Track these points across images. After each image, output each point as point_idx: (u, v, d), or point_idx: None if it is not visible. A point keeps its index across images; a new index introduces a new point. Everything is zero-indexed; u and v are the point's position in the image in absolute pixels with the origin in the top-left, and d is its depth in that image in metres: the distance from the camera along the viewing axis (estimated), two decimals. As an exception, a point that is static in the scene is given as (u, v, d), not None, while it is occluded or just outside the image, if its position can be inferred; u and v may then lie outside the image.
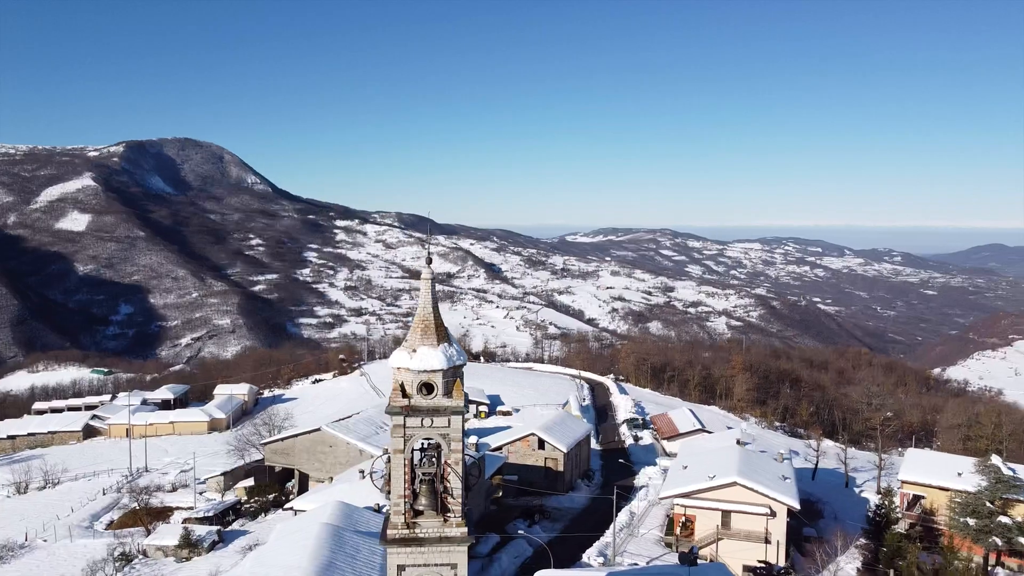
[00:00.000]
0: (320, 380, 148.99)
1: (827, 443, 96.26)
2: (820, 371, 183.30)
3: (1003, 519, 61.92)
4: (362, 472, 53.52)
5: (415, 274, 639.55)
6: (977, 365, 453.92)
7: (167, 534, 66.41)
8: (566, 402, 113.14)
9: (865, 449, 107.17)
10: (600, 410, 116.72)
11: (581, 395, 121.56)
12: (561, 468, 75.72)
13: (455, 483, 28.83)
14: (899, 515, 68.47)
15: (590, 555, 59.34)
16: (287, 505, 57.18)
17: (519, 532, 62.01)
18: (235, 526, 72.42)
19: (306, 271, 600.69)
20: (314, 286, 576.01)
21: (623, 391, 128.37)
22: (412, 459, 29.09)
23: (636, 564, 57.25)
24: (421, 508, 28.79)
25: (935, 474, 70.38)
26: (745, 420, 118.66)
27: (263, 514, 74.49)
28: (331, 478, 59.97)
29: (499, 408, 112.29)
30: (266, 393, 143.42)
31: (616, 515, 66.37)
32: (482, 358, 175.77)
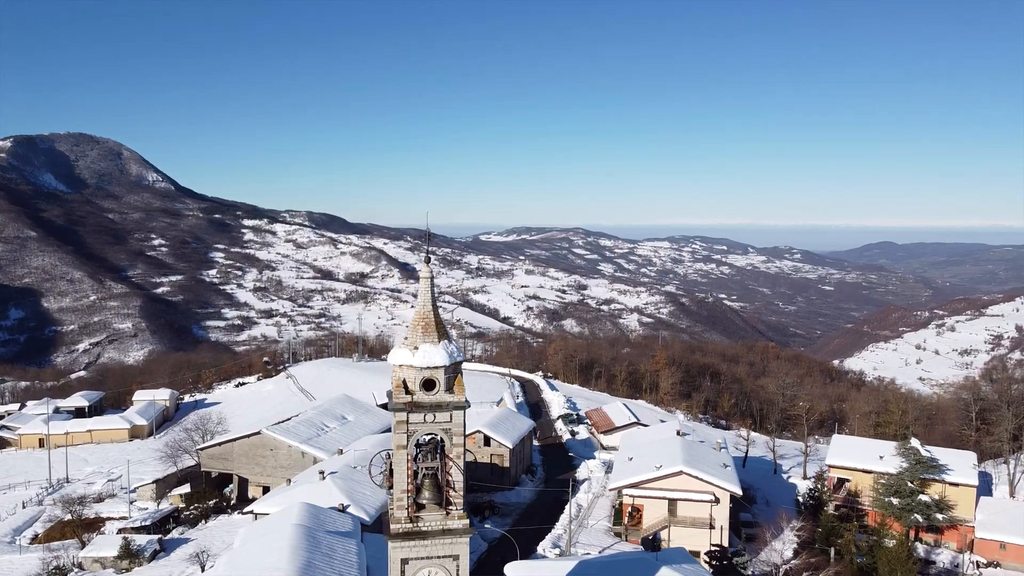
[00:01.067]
0: (244, 383, 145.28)
1: (753, 434, 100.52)
2: (733, 364, 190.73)
3: (923, 497, 66.81)
4: (322, 473, 53.14)
5: (327, 274, 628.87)
6: (871, 356, 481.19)
7: (104, 545, 64.10)
8: (500, 399, 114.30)
9: (782, 437, 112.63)
10: (533, 407, 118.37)
11: (514, 392, 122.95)
12: (507, 464, 76.86)
13: (457, 476, 29.54)
14: (828, 498, 72.63)
15: (544, 547, 60.68)
16: (247, 509, 56.11)
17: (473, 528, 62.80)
18: (174, 534, 70.45)
19: (213, 272, 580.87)
20: (221, 287, 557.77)
21: (553, 388, 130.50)
22: (415, 455, 29.67)
23: (589, 554, 58.84)
24: (424, 502, 29.38)
25: (859, 458, 75.08)
26: (671, 413, 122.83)
27: (204, 521, 72.72)
28: (288, 480, 59.12)
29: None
30: (187, 398, 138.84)
31: (565, 508, 68.23)
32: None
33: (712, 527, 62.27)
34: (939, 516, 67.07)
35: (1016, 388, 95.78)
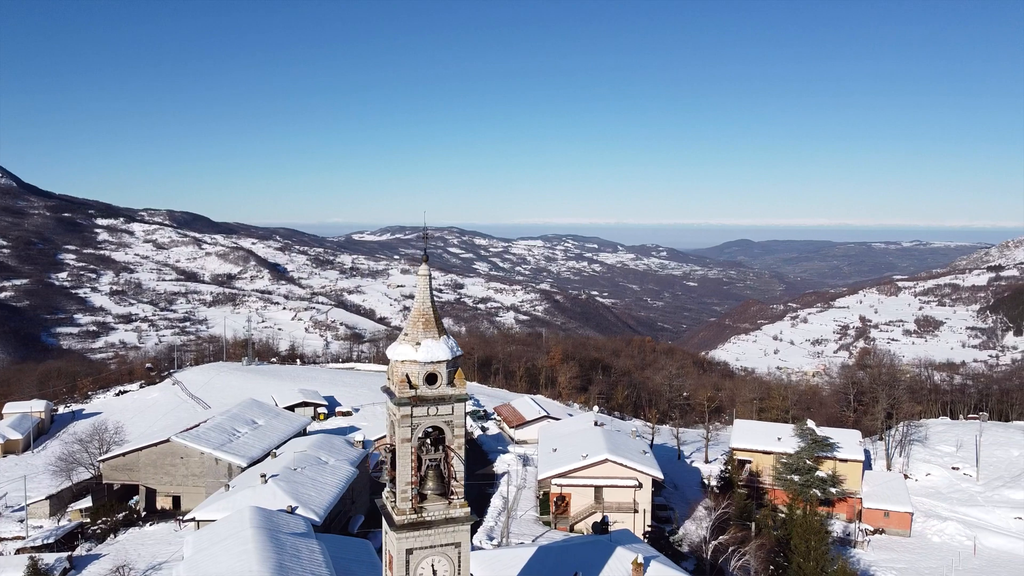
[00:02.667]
0: (125, 392, 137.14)
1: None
2: (616, 358, 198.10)
3: (820, 473, 72.95)
4: (264, 476, 52.06)
5: (191, 276, 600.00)
6: (733, 347, 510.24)
7: (6, 567, 60.03)
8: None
9: (677, 425, 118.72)
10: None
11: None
12: (429, 461, 77.30)
13: (458, 466, 30.61)
14: (738, 478, 77.83)
15: (480, 539, 61.96)
16: (187, 517, 53.90)
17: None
18: (81, 551, 66.64)
19: (63, 275, 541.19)
20: (74, 291, 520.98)
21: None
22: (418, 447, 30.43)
23: (523, 543, 60.61)
24: (427, 493, 30.20)
25: (759, 440, 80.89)
26: (569, 406, 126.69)
27: (113, 535, 69.11)
28: (228, 485, 57.14)
29: (338, 409, 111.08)
30: (61, 409, 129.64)
31: (490, 501, 69.84)
32: (299, 360, 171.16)
33: (636, 511, 65.61)
34: (832, 490, 73.53)
35: (886, 373, 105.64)
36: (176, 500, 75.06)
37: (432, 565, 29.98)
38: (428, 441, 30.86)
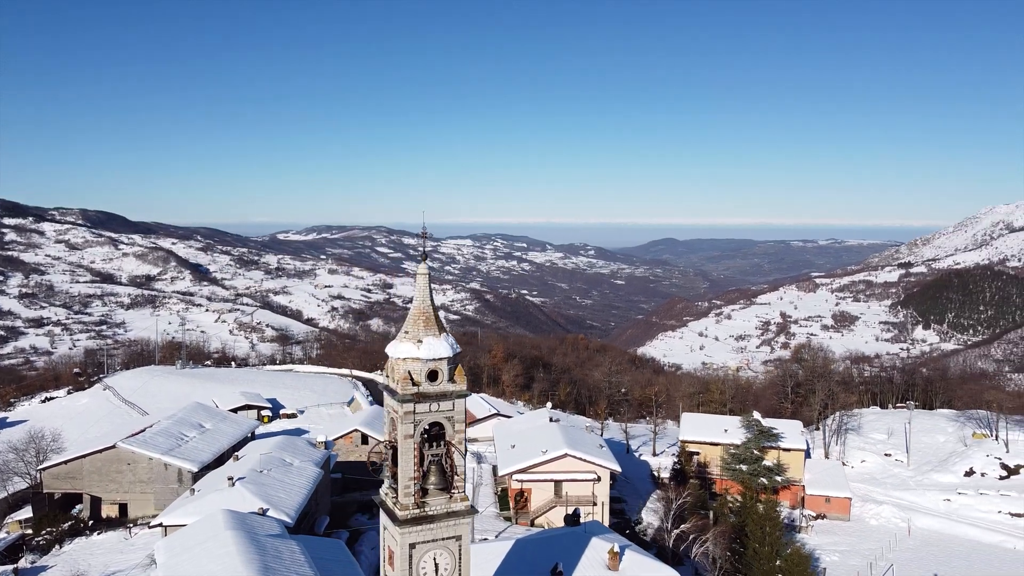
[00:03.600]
0: (52, 398, 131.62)
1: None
2: (553, 356, 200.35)
3: (766, 463, 75.98)
4: (231, 479, 51.23)
5: (108, 277, 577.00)
6: (661, 344, 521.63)
7: (-53, 583, 57.40)
8: (351, 399, 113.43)
9: (618, 420, 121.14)
10: (382, 403, 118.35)
11: (362, 393, 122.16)
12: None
13: (459, 461, 31.26)
14: (690, 469, 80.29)
15: (445, 536, 62.27)
16: (153, 522, 52.40)
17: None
18: (23, 563, 64.06)
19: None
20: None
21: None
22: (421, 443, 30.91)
23: (487, 539, 61.33)
24: (428, 487, 30.71)
25: (707, 432, 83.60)
26: (513, 404, 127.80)
27: (58, 546, 66.65)
28: (193, 489, 55.75)
29: (282, 411, 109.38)
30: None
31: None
32: (233, 363, 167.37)
33: (595, 504, 67.11)
34: (778, 478, 76.73)
35: (820, 366, 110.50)
36: (123, 508, 72.89)
37: (434, 559, 30.54)
38: (426, 437, 31.54)
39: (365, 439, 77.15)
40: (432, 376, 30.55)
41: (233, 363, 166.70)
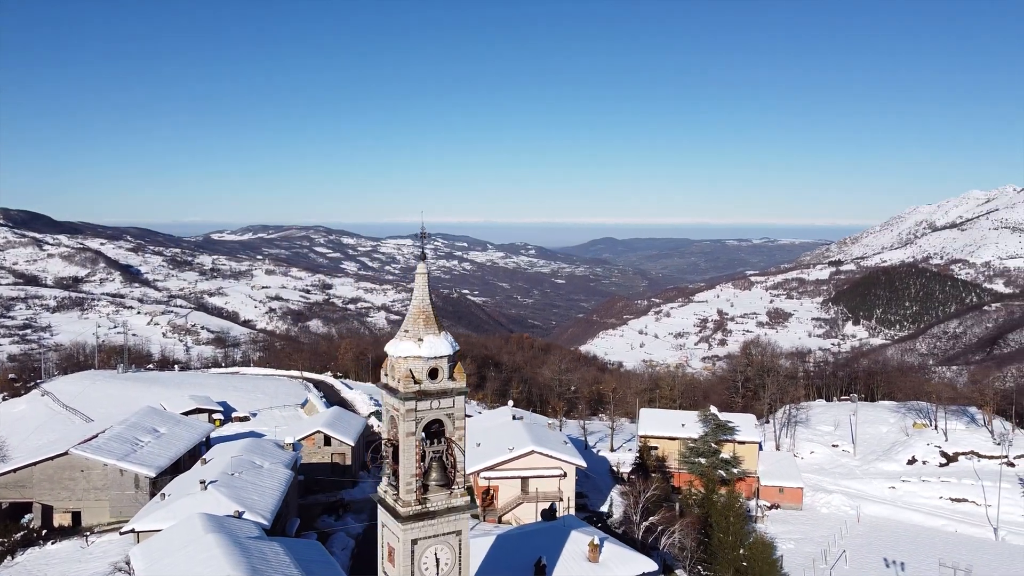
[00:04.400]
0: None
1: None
2: (501, 356, 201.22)
3: (724, 455, 78.19)
4: (203, 483, 50.34)
5: (31, 279, 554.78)
6: (601, 342, 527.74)
7: None
8: (305, 401, 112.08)
9: (572, 419, 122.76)
10: (336, 405, 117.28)
11: (317, 394, 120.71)
12: (349, 462, 76.86)
13: (459, 457, 31.74)
14: (652, 464, 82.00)
15: (414, 535, 62.41)
16: (124, 528, 51.01)
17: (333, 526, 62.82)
18: (-30, 576, 61.77)
19: None
20: None
21: (349, 387, 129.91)
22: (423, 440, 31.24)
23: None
24: (428, 484, 31.09)
25: (665, 427, 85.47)
26: (468, 403, 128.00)
27: (10, 556, 64.39)
28: (162, 495, 54.33)
29: (234, 415, 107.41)
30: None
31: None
32: (176, 366, 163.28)
33: (561, 499, 68.07)
34: (734, 470, 79.05)
35: (769, 361, 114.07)
36: (76, 516, 70.85)
37: (435, 554, 30.95)
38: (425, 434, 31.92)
39: (328, 440, 76.59)
40: (433, 374, 30.97)
41: (176, 366, 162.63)
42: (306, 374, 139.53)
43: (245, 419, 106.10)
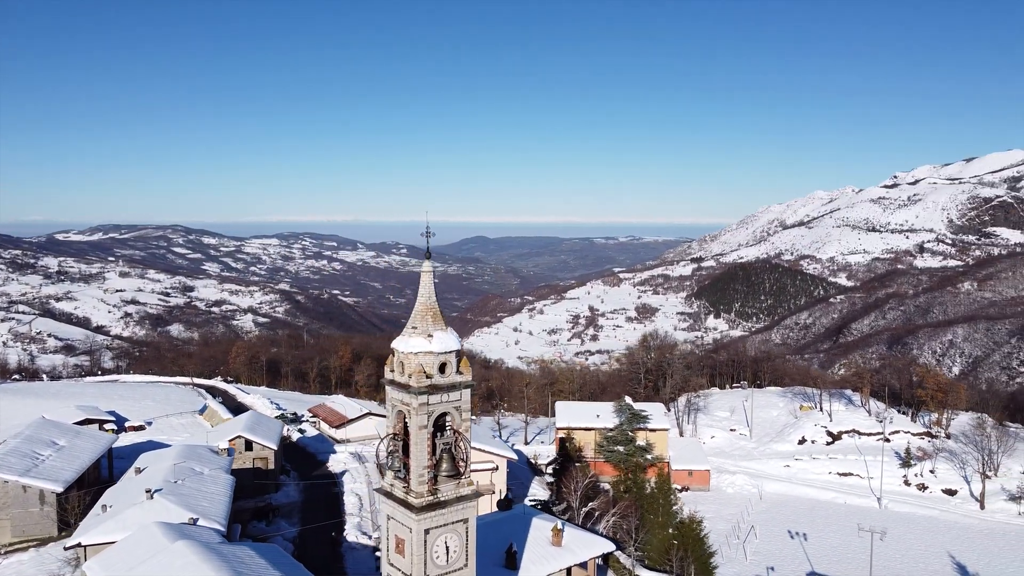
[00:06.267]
0: None
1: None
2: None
3: (640, 443, 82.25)
4: (149, 492, 48.27)
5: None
6: (478, 340, 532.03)
7: None
8: (204, 407, 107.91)
9: (489, 414, 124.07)
10: (236, 410, 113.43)
11: (216, 400, 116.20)
12: (272, 466, 75.16)
13: (467, 447, 32.99)
14: (575, 454, 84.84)
15: (354, 535, 62.31)
16: (69, 542, 47.62)
17: (271, 532, 61.66)
18: None
19: None
20: None
21: (246, 392, 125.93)
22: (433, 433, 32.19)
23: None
24: (438, 474, 32.15)
25: (581, 419, 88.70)
26: (370, 403, 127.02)
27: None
28: (105, 506, 51.05)
29: (128, 424, 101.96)
30: None
31: (343, 499, 70.11)
32: (45, 376, 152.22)
33: (493, 492, 69.60)
34: (649, 456, 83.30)
35: (668, 352, 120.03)
36: (-28, 537, 65.67)
37: (445, 542, 32.00)
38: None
39: (249, 445, 74.56)
40: (442, 368, 32.03)
41: (45, 376, 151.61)
42: (196, 380, 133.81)
43: (140, 428, 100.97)
